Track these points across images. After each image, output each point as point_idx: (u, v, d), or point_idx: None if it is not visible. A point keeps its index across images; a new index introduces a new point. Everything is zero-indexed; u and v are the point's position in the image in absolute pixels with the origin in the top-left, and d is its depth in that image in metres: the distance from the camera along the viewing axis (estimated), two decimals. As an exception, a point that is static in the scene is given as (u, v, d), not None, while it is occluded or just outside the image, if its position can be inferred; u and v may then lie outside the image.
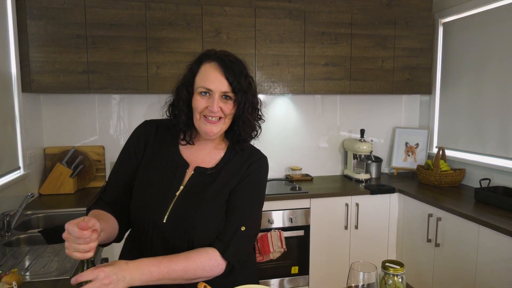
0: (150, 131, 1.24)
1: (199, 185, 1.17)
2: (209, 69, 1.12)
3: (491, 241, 2.15)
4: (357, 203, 2.86)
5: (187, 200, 1.15)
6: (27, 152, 2.49)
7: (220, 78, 1.11)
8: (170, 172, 1.18)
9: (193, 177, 1.18)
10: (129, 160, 1.23)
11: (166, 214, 1.13)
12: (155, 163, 1.20)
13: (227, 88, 1.12)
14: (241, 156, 1.23)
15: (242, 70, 1.16)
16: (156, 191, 1.15)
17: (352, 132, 3.47)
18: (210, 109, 1.11)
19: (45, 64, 2.48)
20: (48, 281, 1.38)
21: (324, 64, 2.95)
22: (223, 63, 1.13)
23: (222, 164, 1.21)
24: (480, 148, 2.90)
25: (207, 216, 1.14)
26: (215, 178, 1.18)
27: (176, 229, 1.12)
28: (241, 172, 1.21)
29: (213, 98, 1.11)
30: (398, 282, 1.17)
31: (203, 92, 1.12)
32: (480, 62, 2.89)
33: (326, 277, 2.86)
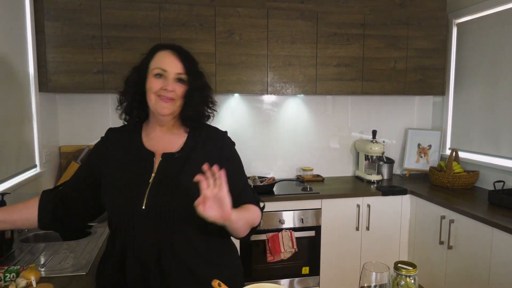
0: (113, 137, 1.33)
1: (171, 169, 1.22)
2: (164, 54, 1.22)
3: (505, 244, 2.12)
4: (369, 204, 2.85)
5: (162, 185, 1.20)
6: (44, 150, 2.54)
7: (175, 61, 1.20)
8: (138, 164, 1.24)
9: (162, 163, 1.23)
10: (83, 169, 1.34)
11: (143, 201, 1.17)
12: (121, 160, 1.26)
13: (181, 70, 1.20)
14: (205, 140, 1.29)
15: (194, 60, 1.26)
16: (128, 182, 1.21)
17: (363, 133, 3.45)
18: (165, 87, 1.18)
19: (61, 64, 2.52)
20: (64, 276, 1.41)
21: (336, 65, 2.95)
22: (178, 50, 1.23)
23: (188, 148, 1.27)
24: (494, 150, 2.87)
25: (185, 197, 1.15)
26: (186, 161, 1.24)
27: (157, 213, 1.17)
28: (216, 156, 1.26)
29: (168, 79, 1.19)
30: (410, 283, 1.16)
31: (158, 74, 1.19)
32: (495, 63, 2.86)
33: (336, 278, 2.85)
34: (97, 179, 1.27)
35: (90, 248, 1.70)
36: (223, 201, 1.04)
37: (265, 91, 2.85)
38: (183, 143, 1.28)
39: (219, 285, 0.90)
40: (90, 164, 1.33)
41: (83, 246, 1.73)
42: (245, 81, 2.80)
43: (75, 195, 1.31)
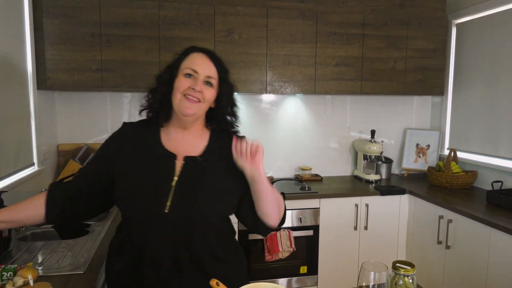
0: (129, 132, 1.28)
1: (194, 173, 1.21)
2: (197, 56, 1.21)
3: (503, 244, 2.13)
4: (367, 204, 2.85)
5: (186, 188, 1.18)
6: (42, 148, 2.53)
7: (208, 64, 1.20)
8: (157, 164, 1.21)
9: (185, 166, 1.22)
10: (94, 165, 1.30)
11: (167, 204, 1.16)
12: (138, 158, 1.22)
13: (213, 73, 1.20)
14: (226, 144, 1.27)
15: (226, 68, 1.26)
16: (148, 184, 1.18)
17: (362, 132, 3.45)
18: (193, 87, 1.16)
19: (60, 62, 2.52)
20: (62, 275, 1.40)
21: (336, 64, 2.95)
22: (211, 54, 1.23)
23: (209, 152, 1.27)
24: (493, 150, 2.87)
25: (209, 202, 1.19)
26: (208, 165, 1.24)
27: (179, 218, 1.16)
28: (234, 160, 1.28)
29: (198, 80, 1.18)
30: (408, 283, 1.16)
31: (188, 74, 1.18)
32: (494, 64, 2.86)
33: (334, 278, 2.86)
34: (109, 175, 1.24)
35: (88, 247, 1.69)
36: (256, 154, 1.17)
37: (264, 90, 2.85)
38: (205, 147, 1.27)
39: (217, 284, 0.90)
40: (102, 158, 1.28)
41: (81, 244, 1.72)
42: (244, 80, 2.80)
43: (84, 191, 1.28)
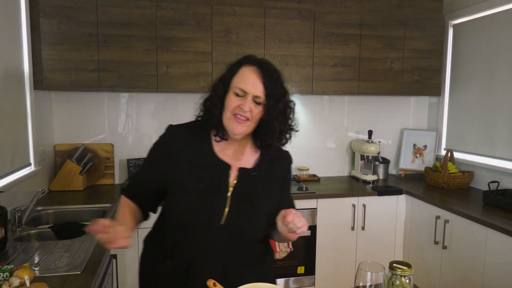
0: (180, 137, 1.25)
1: (247, 186, 1.23)
2: (248, 72, 1.17)
3: (499, 244, 2.14)
4: (364, 204, 2.86)
5: (240, 201, 1.20)
6: (38, 148, 2.52)
7: (257, 82, 1.16)
8: (213, 175, 1.21)
9: (239, 178, 1.23)
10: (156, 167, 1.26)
11: (223, 216, 1.17)
12: (195, 167, 1.21)
13: (261, 93, 1.16)
14: (274, 158, 1.30)
15: (278, 79, 1.20)
16: (205, 195, 1.18)
17: (359, 133, 3.46)
18: (242, 107, 1.15)
19: (57, 62, 2.51)
20: (58, 276, 1.40)
21: (333, 64, 2.95)
22: (263, 69, 1.17)
23: (261, 165, 1.28)
24: (489, 151, 2.89)
25: (261, 215, 1.22)
26: (260, 178, 1.25)
27: (235, 230, 1.18)
28: (280, 173, 1.32)
29: (246, 99, 1.15)
30: (405, 283, 1.17)
31: (238, 93, 1.16)
32: (490, 64, 2.87)
33: (332, 278, 2.86)
34: (165, 182, 1.23)
35: (85, 247, 1.68)
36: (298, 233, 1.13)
37: (261, 91, 2.84)
38: (257, 159, 1.28)
39: (214, 285, 0.90)
40: (157, 165, 1.26)
41: (77, 245, 1.72)
42: (241, 80, 2.79)
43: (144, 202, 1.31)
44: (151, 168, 1.29)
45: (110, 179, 2.98)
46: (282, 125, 1.22)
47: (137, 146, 3.05)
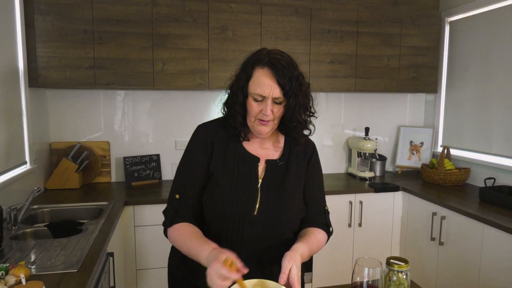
0: (211, 135, 1.28)
1: (275, 177, 1.26)
2: (262, 76, 1.17)
3: (495, 240, 2.15)
4: (361, 201, 2.86)
5: (270, 191, 1.24)
6: (34, 147, 2.51)
7: (272, 85, 1.16)
8: (245, 168, 1.25)
9: (267, 169, 1.27)
10: (198, 170, 1.26)
11: (256, 207, 1.21)
12: (227, 162, 1.25)
13: (279, 94, 1.16)
14: (299, 148, 1.32)
15: (293, 73, 1.17)
16: (239, 187, 1.22)
17: (356, 130, 3.46)
18: (264, 113, 1.17)
19: (52, 59, 2.49)
20: (54, 274, 1.39)
21: (330, 61, 2.95)
22: (275, 69, 1.16)
23: (286, 156, 1.31)
24: (486, 147, 2.90)
25: (291, 204, 1.26)
26: (286, 169, 1.28)
27: (266, 220, 1.21)
28: (305, 165, 1.33)
29: (266, 104, 1.17)
30: (402, 279, 1.17)
31: (257, 98, 1.18)
32: (486, 61, 2.88)
33: (329, 275, 2.86)
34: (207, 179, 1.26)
35: (81, 245, 1.68)
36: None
37: (258, 88, 2.84)
38: (282, 150, 1.31)
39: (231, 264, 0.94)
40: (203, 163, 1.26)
41: (74, 243, 1.71)
42: (238, 78, 2.78)
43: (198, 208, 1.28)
44: (194, 167, 1.27)
45: (107, 177, 2.97)
46: (305, 115, 1.25)
47: (134, 143, 3.04)
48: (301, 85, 1.19)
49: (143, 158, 2.97)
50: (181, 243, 1.19)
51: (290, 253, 1.09)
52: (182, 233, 1.20)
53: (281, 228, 1.25)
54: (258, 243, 1.22)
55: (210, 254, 1.05)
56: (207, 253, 1.07)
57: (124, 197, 2.55)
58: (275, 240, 1.24)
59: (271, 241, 1.23)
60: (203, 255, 1.08)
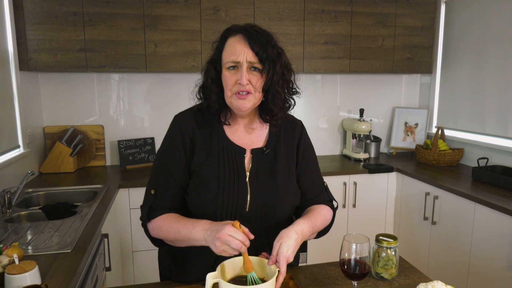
0: (190, 128, 1.18)
1: (263, 166, 1.19)
2: (234, 42, 1.09)
3: (486, 218, 2.17)
4: (355, 182, 2.88)
5: (260, 184, 1.16)
6: (27, 130, 2.50)
7: (245, 49, 1.07)
8: (231, 161, 1.16)
9: (253, 160, 1.18)
10: (176, 168, 1.17)
11: (247, 203, 1.14)
12: (211, 157, 1.16)
13: (253, 58, 1.07)
14: (285, 130, 1.26)
15: (269, 40, 1.10)
16: (227, 184, 1.14)
17: (351, 112, 3.46)
18: (240, 82, 1.07)
19: (42, 42, 2.46)
20: (48, 254, 1.41)
21: (324, 42, 2.92)
22: (248, 34, 1.09)
23: (273, 142, 1.22)
24: (480, 128, 2.90)
25: (284, 194, 1.18)
26: (274, 156, 1.20)
27: (260, 215, 1.15)
28: (294, 146, 1.25)
29: (242, 70, 1.07)
30: (391, 255, 1.19)
31: (231, 66, 1.09)
32: (482, 42, 2.86)
33: (323, 255, 2.90)
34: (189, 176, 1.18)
35: (75, 227, 1.69)
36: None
37: (252, 70, 2.82)
38: (267, 136, 1.23)
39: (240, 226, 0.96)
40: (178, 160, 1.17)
41: (68, 225, 1.72)
42: (231, 59, 2.76)
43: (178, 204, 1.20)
44: (171, 162, 1.18)
45: (101, 160, 2.97)
46: (285, 89, 1.15)
47: (129, 127, 3.03)
48: (279, 55, 1.12)
49: (138, 141, 2.97)
50: (167, 229, 1.12)
51: (283, 232, 1.05)
52: (166, 219, 1.13)
53: (277, 219, 1.18)
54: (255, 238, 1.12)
55: (211, 227, 1.01)
56: (203, 228, 1.02)
57: (119, 180, 2.56)
58: (271, 232, 1.15)
59: (267, 234, 1.16)
60: (198, 230, 1.03)
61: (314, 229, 1.17)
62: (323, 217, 1.22)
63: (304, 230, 1.10)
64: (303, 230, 1.09)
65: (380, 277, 1.20)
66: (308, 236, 1.14)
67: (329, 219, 1.26)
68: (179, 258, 1.25)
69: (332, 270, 1.26)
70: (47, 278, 1.23)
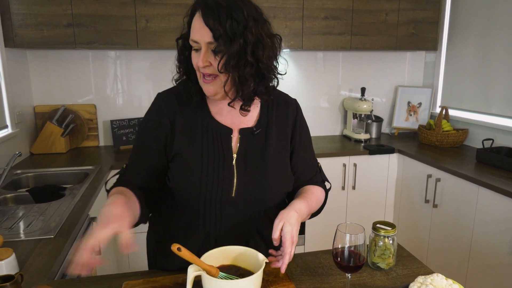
0: (172, 108, 1.09)
1: (252, 149, 1.09)
2: (196, 19, 0.97)
3: (489, 202, 2.10)
4: (355, 163, 2.80)
5: (248, 167, 1.07)
6: (15, 110, 2.41)
7: (202, 27, 0.95)
8: (216, 142, 1.07)
9: (241, 141, 1.09)
10: (152, 144, 1.09)
11: (233, 188, 1.06)
12: (194, 137, 1.07)
13: (210, 38, 0.94)
14: (278, 108, 1.15)
15: (231, 13, 0.94)
16: (208, 165, 1.05)
17: (352, 91, 3.34)
18: (197, 64, 0.98)
19: (28, 17, 2.34)
20: (30, 240, 1.35)
21: (324, 17, 2.78)
22: (206, 9, 0.95)
23: (264, 122, 1.12)
24: (485, 108, 2.79)
25: (275, 178, 1.10)
26: (266, 138, 1.11)
27: (248, 201, 1.07)
28: (289, 128, 1.16)
29: (201, 51, 0.96)
30: (388, 244, 1.12)
31: (194, 47, 0.99)
32: (490, 17, 2.71)
33: (321, 237, 2.85)
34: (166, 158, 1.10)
35: (61, 211, 1.62)
36: None
37: (249, 46, 2.70)
38: (258, 115, 1.12)
39: (179, 250, 0.83)
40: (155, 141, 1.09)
41: (54, 208, 1.66)
42: (227, 36, 2.64)
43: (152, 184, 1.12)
44: (147, 140, 1.10)
45: (95, 141, 2.89)
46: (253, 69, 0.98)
47: (126, 107, 2.93)
48: (246, 28, 0.95)
49: (131, 121, 2.88)
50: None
51: (283, 212, 0.99)
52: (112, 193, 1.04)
53: (266, 206, 1.10)
54: (242, 224, 1.09)
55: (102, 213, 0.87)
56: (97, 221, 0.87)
57: (112, 161, 2.49)
58: (261, 219, 1.11)
59: (256, 220, 1.10)
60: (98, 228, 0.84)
61: (310, 210, 1.11)
62: (317, 198, 1.16)
63: (302, 210, 1.04)
64: (301, 210, 1.03)
65: (376, 266, 1.13)
66: (305, 217, 1.08)
67: (321, 200, 1.21)
68: (162, 243, 1.19)
69: (326, 259, 1.19)
70: (26, 266, 1.17)
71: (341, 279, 1.07)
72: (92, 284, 1.05)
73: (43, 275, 1.12)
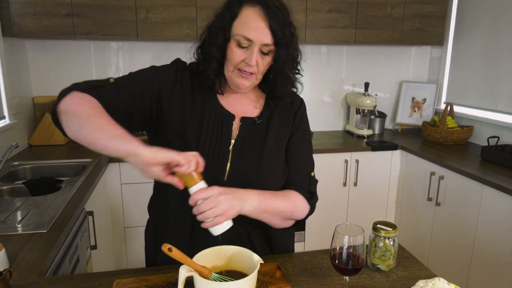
0: (185, 73, 1.10)
1: (252, 137, 1.10)
2: (251, 15, 0.97)
3: (494, 201, 2.05)
4: (357, 159, 2.76)
5: (244, 154, 1.08)
6: (13, 100, 2.38)
7: (263, 27, 0.96)
8: (216, 125, 1.08)
9: (242, 128, 1.09)
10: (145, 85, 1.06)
11: (225, 172, 1.05)
12: (197, 115, 1.07)
13: (269, 40, 0.98)
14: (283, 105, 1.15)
15: (287, 19, 1.00)
16: (207, 148, 1.05)
17: (356, 86, 3.29)
18: (248, 62, 0.99)
19: (26, 6, 2.30)
20: (22, 234, 1.32)
21: (328, 10, 2.73)
22: (269, 9, 0.97)
23: (268, 113, 1.13)
24: (491, 104, 2.73)
25: (270, 168, 1.09)
26: (266, 129, 1.11)
27: (240, 186, 1.03)
28: (290, 121, 1.15)
29: (252, 50, 0.98)
30: (389, 245, 1.08)
31: (242, 43, 0.98)
32: (498, 12, 2.64)
33: (322, 234, 2.82)
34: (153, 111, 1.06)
35: (56, 204, 1.59)
36: None
37: (251, 39, 2.65)
38: (262, 106, 1.13)
39: (170, 250, 0.80)
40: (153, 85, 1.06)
41: (49, 201, 1.63)
42: (229, 28, 2.59)
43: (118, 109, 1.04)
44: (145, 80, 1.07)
45: (94, 133, 2.86)
46: (292, 72, 1.08)
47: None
48: (292, 35, 1.02)
49: (131, 113, 2.84)
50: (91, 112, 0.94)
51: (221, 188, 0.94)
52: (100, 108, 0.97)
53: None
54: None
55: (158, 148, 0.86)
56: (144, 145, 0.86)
57: (110, 154, 2.46)
58: None
59: None
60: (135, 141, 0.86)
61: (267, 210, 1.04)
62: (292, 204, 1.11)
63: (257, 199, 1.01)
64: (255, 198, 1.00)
65: (376, 268, 1.10)
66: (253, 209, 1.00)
67: (298, 210, 1.14)
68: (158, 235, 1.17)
69: (324, 259, 1.16)
70: (16, 261, 1.15)
71: (339, 280, 1.04)
72: (83, 281, 1.03)
73: (33, 272, 1.09)
